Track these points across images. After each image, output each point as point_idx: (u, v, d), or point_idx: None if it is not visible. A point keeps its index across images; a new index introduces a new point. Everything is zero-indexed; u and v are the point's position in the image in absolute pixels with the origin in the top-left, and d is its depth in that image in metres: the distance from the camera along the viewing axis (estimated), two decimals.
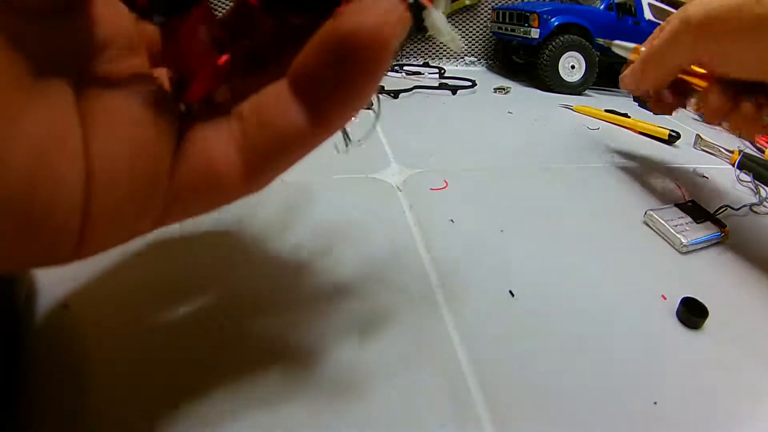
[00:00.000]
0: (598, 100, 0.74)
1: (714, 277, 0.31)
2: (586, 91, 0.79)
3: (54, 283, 0.24)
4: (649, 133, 0.58)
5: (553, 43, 0.75)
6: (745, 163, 0.47)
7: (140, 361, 0.23)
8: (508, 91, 0.76)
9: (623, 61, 0.42)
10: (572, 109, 0.67)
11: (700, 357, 0.24)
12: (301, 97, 0.13)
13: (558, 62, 0.76)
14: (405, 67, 0.86)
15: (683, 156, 0.53)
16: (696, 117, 0.70)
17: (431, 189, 0.41)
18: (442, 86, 0.75)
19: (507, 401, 0.21)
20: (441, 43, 0.23)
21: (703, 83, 0.34)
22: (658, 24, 0.37)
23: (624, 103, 0.73)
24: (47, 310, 0.26)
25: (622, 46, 0.44)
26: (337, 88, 0.13)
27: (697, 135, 0.55)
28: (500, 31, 0.85)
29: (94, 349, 0.22)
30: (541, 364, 0.23)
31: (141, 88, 0.12)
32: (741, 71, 0.31)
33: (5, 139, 0.09)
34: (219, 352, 0.23)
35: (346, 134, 0.25)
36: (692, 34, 0.31)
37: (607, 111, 0.64)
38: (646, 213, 0.36)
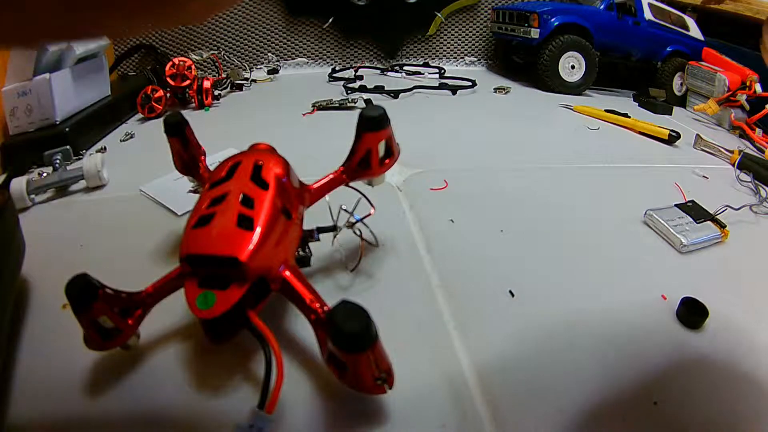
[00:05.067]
0: (598, 100, 0.74)
1: (714, 277, 0.31)
2: (586, 91, 0.79)
3: (53, 282, 0.24)
4: (649, 133, 0.58)
5: (553, 43, 0.75)
6: (745, 163, 0.47)
7: (139, 360, 0.23)
8: (508, 91, 0.76)
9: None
10: (572, 109, 0.67)
11: (700, 357, 0.24)
12: None
13: (558, 62, 0.76)
14: (405, 67, 0.87)
15: (683, 156, 0.53)
16: (696, 117, 0.70)
17: (431, 189, 0.41)
18: (442, 86, 0.75)
19: (507, 401, 0.21)
20: None
21: None
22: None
23: (624, 103, 0.73)
24: (45, 310, 0.26)
25: None
26: None
27: (697, 135, 0.55)
28: (500, 31, 0.85)
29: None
30: (540, 363, 0.23)
31: None
32: None
33: None
34: (216, 348, 0.23)
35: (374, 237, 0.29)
36: None
37: (607, 111, 0.64)
38: (646, 213, 0.36)
